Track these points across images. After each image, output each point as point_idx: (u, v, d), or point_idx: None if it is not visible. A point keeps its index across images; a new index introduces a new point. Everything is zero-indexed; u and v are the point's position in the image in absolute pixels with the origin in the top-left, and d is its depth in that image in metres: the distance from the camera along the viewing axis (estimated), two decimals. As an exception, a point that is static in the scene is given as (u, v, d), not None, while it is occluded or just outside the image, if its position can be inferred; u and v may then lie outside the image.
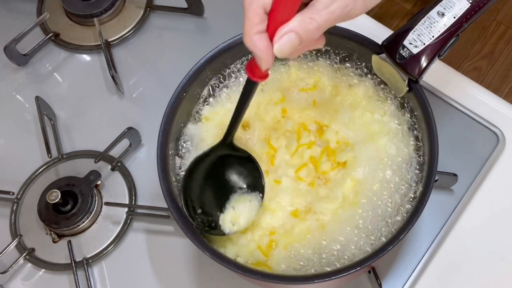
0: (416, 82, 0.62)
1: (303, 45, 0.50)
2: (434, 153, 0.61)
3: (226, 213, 0.63)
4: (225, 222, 0.63)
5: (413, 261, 0.74)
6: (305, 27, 0.48)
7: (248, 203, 0.64)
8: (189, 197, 0.63)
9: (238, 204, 0.64)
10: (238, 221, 0.63)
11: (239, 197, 0.64)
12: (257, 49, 0.49)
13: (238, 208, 0.64)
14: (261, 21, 0.48)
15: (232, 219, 0.63)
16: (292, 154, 0.68)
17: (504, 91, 1.80)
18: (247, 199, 0.64)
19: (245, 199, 0.64)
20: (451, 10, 0.59)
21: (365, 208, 0.64)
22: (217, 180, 0.64)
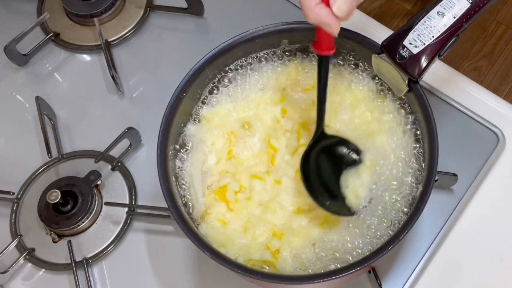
0: (416, 82, 0.62)
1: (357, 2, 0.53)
2: (434, 153, 0.61)
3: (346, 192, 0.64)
4: (351, 202, 0.64)
5: (413, 261, 0.74)
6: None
7: (355, 175, 0.65)
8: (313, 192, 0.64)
9: (348, 180, 0.65)
10: (358, 193, 0.64)
11: (346, 175, 0.65)
12: (323, 18, 0.53)
13: (352, 184, 0.65)
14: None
15: (352, 193, 0.64)
16: (292, 154, 0.68)
17: (504, 91, 1.80)
18: (353, 173, 0.65)
19: (351, 174, 0.65)
20: (451, 10, 0.59)
21: (365, 207, 0.64)
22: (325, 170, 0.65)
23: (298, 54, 0.73)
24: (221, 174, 0.68)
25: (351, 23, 0.57)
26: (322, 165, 0.65)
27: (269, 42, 0.71)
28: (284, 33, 0.69)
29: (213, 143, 0.69)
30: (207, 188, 0.68)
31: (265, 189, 0.67)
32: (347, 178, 0.65)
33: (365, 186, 0.65)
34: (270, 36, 0.70)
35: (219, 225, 0.65)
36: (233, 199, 0.67)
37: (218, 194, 0.67)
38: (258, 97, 0.71)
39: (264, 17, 0.76)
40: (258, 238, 0.64)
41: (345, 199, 0.64)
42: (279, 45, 0.71)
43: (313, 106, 0.70)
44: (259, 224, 0.65)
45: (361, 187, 0.65)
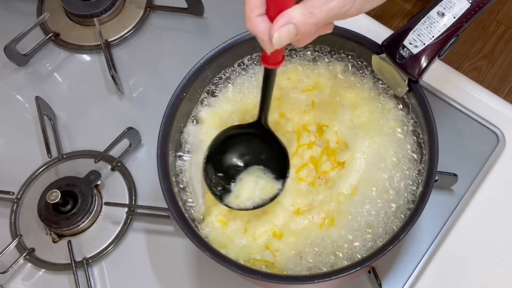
0: (416, 82, 0.62)
1: (301, 38, 0.50)
2: (434, 153, 0.61)
3: (235, 184, 0.65)
4: (231, 193, 0.64)
5: (413, 261, 0.74)
6: (304, 21, 0.48)
7: (254, 178, 0.64)
8: (210, 163, 0.64)
9: (246, 177, 0.65)
10: (241, 194, 0.64)
11: (251, 171, 0.65)
12: (259, 31, 0.49)
13: (245, 181, 0.64)
14: (261, 4, 0.49)
15: (237, 191, 0.64)
16: (292, 154, 0.68)
17: (504, 91, 1.80)
18: (255, 175, 0.64)
19: (254, 175, 0.65)
20: (451, 10, 0.59)
21: (365, 208, 0.64)
22: (239, 154, 0.65)
23: (298, 55, 0.72)
24: (221, 174, 0.68)
25: (352, 23, 0.57)
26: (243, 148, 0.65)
27: (269, 42, 0.71)
28: (284, 33, 0.69)
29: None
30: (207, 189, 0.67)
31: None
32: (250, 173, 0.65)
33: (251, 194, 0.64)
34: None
35: (219, 225, 0.65)
36: (233, 199, 0.67)
37: (218, 194, 0.67)
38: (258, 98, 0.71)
39: (264, 17, 0.75)
40: (258, 239, 0.64)
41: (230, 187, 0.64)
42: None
43: (312, 107, 0.70)
44: (260, 224, 0.65)
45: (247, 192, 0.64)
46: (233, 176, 0.65)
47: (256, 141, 0.65)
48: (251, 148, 0.66)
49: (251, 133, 0.64)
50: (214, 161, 0.65)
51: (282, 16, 0.48)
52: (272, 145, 0.65)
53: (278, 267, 0.63)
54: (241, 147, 0.66)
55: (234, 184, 0.65)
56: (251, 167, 0.65)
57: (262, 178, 0.65)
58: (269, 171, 0.65)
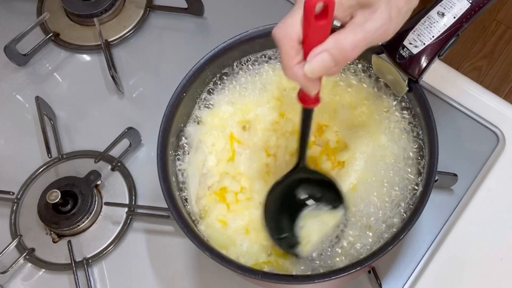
0: (416, 82, 0.62)
1: (338, 66, 0.49)
2: (434, 153, 0.61)
3: (299, 232, 0.63)
4: (302, 245, 0.63)
5: (413, 261, 0.74)
6: (339, 47, 0.47)
7: (317, 219, 0.63)
8: (269, 222, 0.63)
9: (306, 221, 0.63)
10: (310, 238, 0.63)
11: (307, 214, 0.64)
12: (300, 79, 0.49)
13: (307, 225, 0.63)
14: (298, 52, 0.48)
15: (306, 238, 0.63)
16: (292, 154, 0.68)
17: (504, 91, 1.80)
18: (315, 215, 0.63)
19: (312, 215, 0.63)
20: (451, 10, 0.59)
21: (365, 208, 0.64)
22: (291, 202, 0.64)
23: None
24: (221, 175, 0.68)
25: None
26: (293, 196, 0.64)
27: (269, 42, 0.71)
28: (284, 33, 0.69)
29: (213, 144, 0.69)
30: (207, 189, 0.68)
31: (266, 189, 0.67)
32: (307, 216, 0.64)
33: (320, 233, 0.63)
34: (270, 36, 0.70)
35: (220, 226, 0.65)
36: (233, 200, 0.67)
37: (219, 195, 0.67)
38: (258, 98, 0.71)
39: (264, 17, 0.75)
40: (259, 239, 0.64)
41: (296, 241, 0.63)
42: (279, 45, 0.71)
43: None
44: (260, 224, 0.65)
45: (315, 234, 0.63)
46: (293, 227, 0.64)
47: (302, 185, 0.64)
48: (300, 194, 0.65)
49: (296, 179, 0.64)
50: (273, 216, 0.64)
51: (315, 49, 0.47)
52: (318, 180, 0.64)
53: (279, 267, 0.63)
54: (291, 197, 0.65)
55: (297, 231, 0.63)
56: (305, 211, 0.64)
57: (321, 214, 0.64)
58: (323, 205, 0.64)
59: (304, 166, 0.63)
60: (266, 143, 0.69)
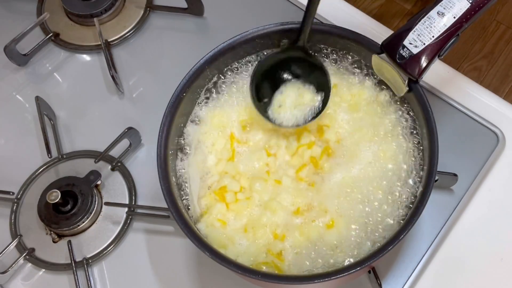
0: (416, 82, 0.62)
1: None
2: (434, 153, 0.61)
3: (275, 97, 0.68)
4: (273, 108, 0.67)
5: (413, 261, 0.74)
6: None
7: (296, 90, 0.67)
8: (255, 84, 0.67)
9: (287, 89, 0.67)
10: (284, 102, 0.67)
11: (291, 84, 0.68)
12: None
13: (286, 92, 0.67)
14: None
15: (280, 102, 0.67)
16: (292, 154, 0.68)
17: (504, 91, 1.80)
18: (296, 86, 0.67)
19: (294, 86, 0.67)
20: (451, 10, 0.59)
21: (365, 208, 0.64)
22: (279, 73, 0.68)
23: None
24: (221, 175, 0.68)
25: (351, 23, 0.58)
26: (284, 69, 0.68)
27: (269, 42, 0.71)
28: (284, 33, 0.69)
29: (213, 144, 0.69)
30: (207, 189, 0.68)
31: (265, 189, 0.67)
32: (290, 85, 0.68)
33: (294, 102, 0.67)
34: (270, 36, 0.70)
35: (219, 225, 0.65)
36: (233, 200, 0.67)
37: (218, 194, 0.67)
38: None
39: (264, 17, 0.76)
40: (258, 239, 0.64)
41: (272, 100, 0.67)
42: (279, 45, 0.71)
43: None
44: (260, 224, 0.65)
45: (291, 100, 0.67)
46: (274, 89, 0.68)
47: (296, 63, 0.68)
48: (290, 68, 0.68)
49: (292, 56, 0.67)
50: (258, 83, 0.68)
51: None
52: (312, 64, 0.67)
53: (279, 267, 0.63)
54: (281, 69, 0.68)
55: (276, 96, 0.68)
56: (291, 81, 0.68)
57: (303, 89, 0.67)
58: (308, 83, 0.68)
59: (301, 45, 0.66)
60: (267, 143, 0.69)
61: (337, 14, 0.88)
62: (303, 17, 0.64)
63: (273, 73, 0.69)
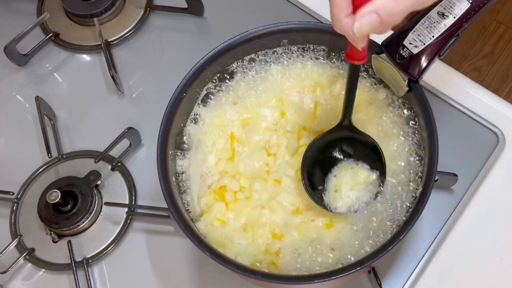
0: (416, 82, 0.62)
1: (384, 27, 0.49)
2: (434, 153, 0.61)
3: (329, 182, 0.65)
4: (330, 193, 0.64)
5: (413, 261, 0.74)
6: (388, 10, 0.47)
7: (350, 170, 0.64)
8: (306, 174, 0.65)
9: (340, 171, 0.65)
10: (340, 187, 0.64)
11: (343, 165, 0.65)
12: (349, 31, 0.50)
13: (340, 174, 0.65)
14: (348, 5, 0.49)
15: (335, 187, 0.64)
16: (292, 154, 0.68)
17: (504, 91, 1.80)
18: (349, 167, 0.65)
19: (347, 167, 0.65)
20: (451, 10, 0.59)
21: (365, 208, 0.64)
22: (330, 158, 0.66)
23: (298, 55, 0.72)
24: (221, 174, 0.68)
25: (351, 23, 0.57)
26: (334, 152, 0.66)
27: (269, 42, 0.71)
28: (284, 33, 0.69)
29: (214, 144, 0.69)
30: (207, 188, 0.68)
31: (265, 188, 0.67)
32: (342, 168, 0.65)
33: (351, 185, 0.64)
34: (270, 36, 0.70)
35: (218, 224, 0.65)
36: (232, 199, 0.67)
37: (218, 194, 0.67)
38: (259, 97, 0.71)
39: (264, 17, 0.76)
40: (258, 238, 0.64)
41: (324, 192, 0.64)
42: (279, 45, 0.71)
43: (314, 108, 0.70)
44: (259, 223, 0.65)
45: (346, 184, 0.64)
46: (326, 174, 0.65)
47: (346, 142, 0.66)
48: (342, 149, 0.66)
49: (340, 137, 0.65)
50: (309, 169, 0.65)
51: (365, 7, 0.48)
52: (362, 141, 0.65)
53: (278, 267, 0.63)
54: (332, 150, 0.66)
55: (330, 180, 0.65)
56: (342, 162, 0.66)
57: (356, 168, 0.65)
58: (361, 161, 0.65)
59: (348, 124, 0.64)
60: (267, 143, 0.69)
61: (337, 14, 0.88)
62: (345, 96, 0.61)
63: (323, 158, 0.66)
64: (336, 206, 0.64)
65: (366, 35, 0.51)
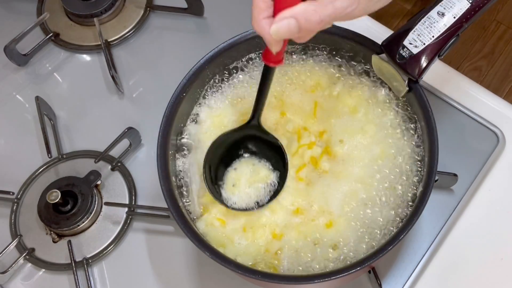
0: (416, 82, 0.62)
1: (302, 34, 0.50)
2: (434, 153, 0.61)
3: (228, 176, 0.66)
4: (227, 186, 0.65)
5: (413, 261, 0.74)
6: (307, 17, 0.48)
7: (251, 166, 0.65)
8: (208, 168, 0.65)
9: (241, 165, 0.66)
10: (239, 182, 0.65)
11: (245, 160, 0.66)
12: (265, 33, 0.50)
13: (240, 169, 0.65)
14: (268, 7, 0.50)
15: (233, 180, 0.65)
16: (292, 154, 0.68)
17: (504, 91, 1.80)
18: (251, 163, 0.66)
19: (249, 163, 0.66)
20: (451, 10, 0.59)
21: (365, 208, 0.64)
22: (234, 154, 0.67)
23: (297, 54, 0.73)
24: (221, 174, 0.68)
25: (352, 23, 0.57)
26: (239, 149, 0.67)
27: (269, 42, 0.71)
28: (284, 33, 0.69)
29: (213, 144, 0.69)
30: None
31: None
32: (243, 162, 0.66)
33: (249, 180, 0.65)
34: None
35: (218, 224, 0.65)
36: (233, 199, 0.67)
37: (218, 194, 0.67)
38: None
39: (264, 17, 0.75)
40: (258, 238, 0.64)
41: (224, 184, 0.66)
42: (279, 45, 0.71)
43: (314, 108, 0.70)
44: (259, 224, 0.65)
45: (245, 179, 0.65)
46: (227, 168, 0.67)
47: (253, 141, 0.66)
48: (247, 147, 0.67)
49: (247, 135, 0.65)
50: (213, 164, 0.66)
51: (285, 11, 0.48)
52: (268, 142, 0.66)
53: (278, 267, 0.63)
54: (237, 147, 0.67)
55: (229, 173, 0.66)
56: (245, 157, 0.67)
57: (258, 165, 0.66)
58: (264, 160, 0.67)
59: (256, 124, 0.64)
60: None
61: (337, 14, 0.88)
62: (256, 96, 0.61)
63: (228, 153, 0.67)
64: (234, 201, 0.65)
65: (283, 39, 0.51)
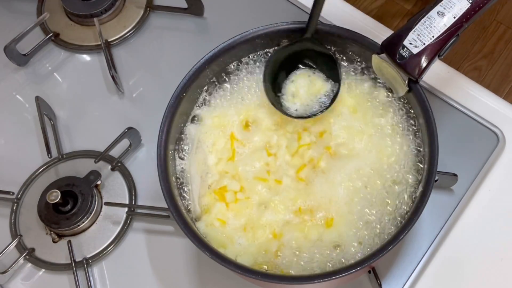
0: (416, 82, 0.62)
1: None
2: (434, 153, 0.61)
3: (287, 88, 0.69)
4: (287, 97, 0.69)
5: (413, 261, 0.74)
6: None
7: (307, 78, 0.68)
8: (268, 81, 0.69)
9: (297, 78, 0.69)
10: (298, 93, 0.68)
11: (301, 72, 0.69)
12: None
13: (297, 81, 0.69)
14: None
15: (292, 92, 0.69)
16: (292, 154, 0.68)
17: (504, 91, 1.80)
18: (306, 75, 0.69)
19: (305, 74, 0.69)
20: (451, 10, 0.59)
21: (365, 208, 0.64)
22: (289, 66, 0.70)
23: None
24: (221, 174, 0.68)
25: (352, 23, 0.58)
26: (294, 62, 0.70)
27: (269, 42, 0.71)
28: (284, 33, 0.69)
29: (214, 144, 0.70)
30: (207, 188, 0.68)
31: (265, 189, 0.67)
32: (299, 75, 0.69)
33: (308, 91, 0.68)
34: (270, 36, 0.70)
35: (218, 224, 0.65)
36: (233, 199, 0.67)
37: (218, 194, 0.67)
38: (259, 97, 0.71)
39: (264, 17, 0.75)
40: (258, 238, 0.64)
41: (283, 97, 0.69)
42: (279, 45, 0.71)
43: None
44: (259, 224, 0.65)
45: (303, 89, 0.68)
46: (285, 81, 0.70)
47: (306, 54, 0.69)
48: (300, 60, 0.70)
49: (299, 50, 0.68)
50: (270, 79, 0.69)
51: None
52: (321, 53, 0.68)
53: (278, 267, 0.63)
54: (292, 61, 0.70)
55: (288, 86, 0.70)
56: (300, 70, 0.70)
57: (313, 77, 0.69)
58: (318, 71, 0.70)
59: (309, 37, 0.67)
60: (267, 143, 0.69)
61: (337, 14, 0.88)
62: (311, 8, 0.65)
63: (283, 68, 0.69)
64: (295, 109, 0.68)
65: None
